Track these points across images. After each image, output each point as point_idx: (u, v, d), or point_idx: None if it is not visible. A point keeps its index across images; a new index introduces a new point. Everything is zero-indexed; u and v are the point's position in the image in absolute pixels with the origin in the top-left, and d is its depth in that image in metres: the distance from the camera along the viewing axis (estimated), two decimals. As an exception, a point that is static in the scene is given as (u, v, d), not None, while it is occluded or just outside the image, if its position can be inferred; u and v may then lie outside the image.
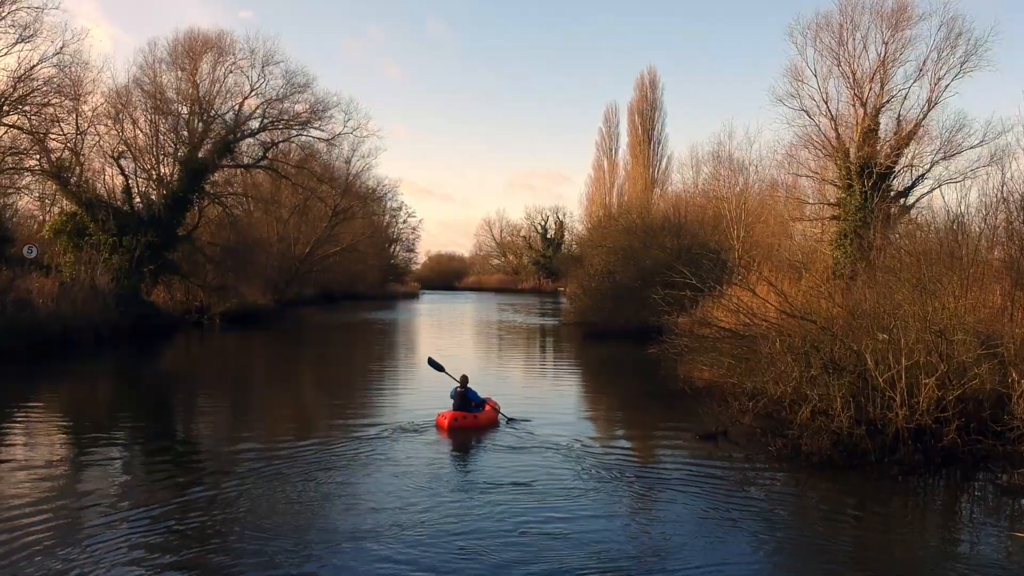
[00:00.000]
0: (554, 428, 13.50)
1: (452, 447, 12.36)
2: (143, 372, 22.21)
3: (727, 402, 12.10)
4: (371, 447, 11.71)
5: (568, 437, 12.67)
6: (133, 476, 10.40)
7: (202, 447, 12.72)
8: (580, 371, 24.48)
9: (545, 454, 11.49)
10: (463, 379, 14.30)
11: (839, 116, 34.44)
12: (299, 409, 16.91)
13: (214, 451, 12.18)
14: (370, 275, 70.17)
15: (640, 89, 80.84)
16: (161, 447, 12.18)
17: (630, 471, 10.54)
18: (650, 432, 13.72)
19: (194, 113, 34.35)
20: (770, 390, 11.35)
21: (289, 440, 12.24)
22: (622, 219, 39.07)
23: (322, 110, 36.54)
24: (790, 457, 10.58)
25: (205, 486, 9.53)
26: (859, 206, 32.87)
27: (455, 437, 12.78)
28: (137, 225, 31.43)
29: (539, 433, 13.05)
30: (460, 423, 13.24)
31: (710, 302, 27.85)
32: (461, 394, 14.06)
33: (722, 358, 14.86)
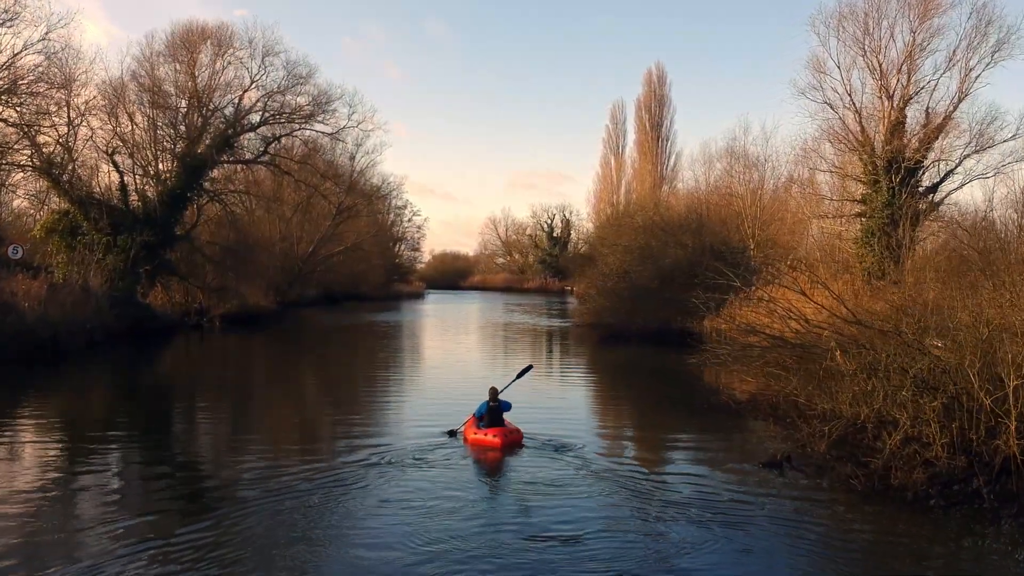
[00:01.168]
0: (587, 450, 12.08)
1: (479, 470, 11.05)
2: (137, 379, 20.74)
3: (792, 422, 10.59)
4: (385, 466, 10.59)
5: (604, 460, 11.35)
6: (127, 499, 9.25)
7: (200, 467, 11.37)
8: (602, 378, 22.91)
9: (585, 484, 10.08)
10: (492, 392, 12.95)
11: (864, 109, 33.07)
12: (304, 421, 15.47)
13: (212, 473, 10.95)
14: (374, 275, 68.68)
15: (648, 84, 79.93)
16: (156, 465, 11.09)
17: (683, 506, 9.03)
18: (698, 455, 12.16)
19: (192, 107, 32.85)
20: (844, 411, 9.84)
21: (295, 459, 11.11)
22: (638, 216, 37.53)
23: (325, 103, 35.03)
24: (876, 492, 9.06)
25: (203, 515, 8.49)
26: (886, 203, 31.44)
27: (507, 454, 11.66)
28: (132, 224, 29.94)
29: (570, 455, 11.69)
30: (512, 438, 12.18)
31: (739, 304, 26.46)
32: (494, 409, 12.73)
33: (770, 368, 13.39)
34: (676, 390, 18.95)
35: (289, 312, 47.02)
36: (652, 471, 10.74)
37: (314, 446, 12.60)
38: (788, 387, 11.74)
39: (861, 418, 9.57)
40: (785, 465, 10.20)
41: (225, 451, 12.44)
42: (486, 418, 12.73)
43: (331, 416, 15.87)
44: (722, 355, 14.55)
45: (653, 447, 12.68)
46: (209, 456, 12.33)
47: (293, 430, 14.35)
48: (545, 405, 16.13)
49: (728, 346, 15.09)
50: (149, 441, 12.94)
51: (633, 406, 17.20)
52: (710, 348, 15.13)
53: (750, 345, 14.35)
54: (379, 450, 11.45)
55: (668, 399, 17.56)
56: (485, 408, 12.84)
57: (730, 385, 15.38)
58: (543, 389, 19.11)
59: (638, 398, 18.41)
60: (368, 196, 59.30)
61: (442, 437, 12.65)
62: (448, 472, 10.40)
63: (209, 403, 17.41)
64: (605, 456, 11.73)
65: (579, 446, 12.19)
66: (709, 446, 12.79)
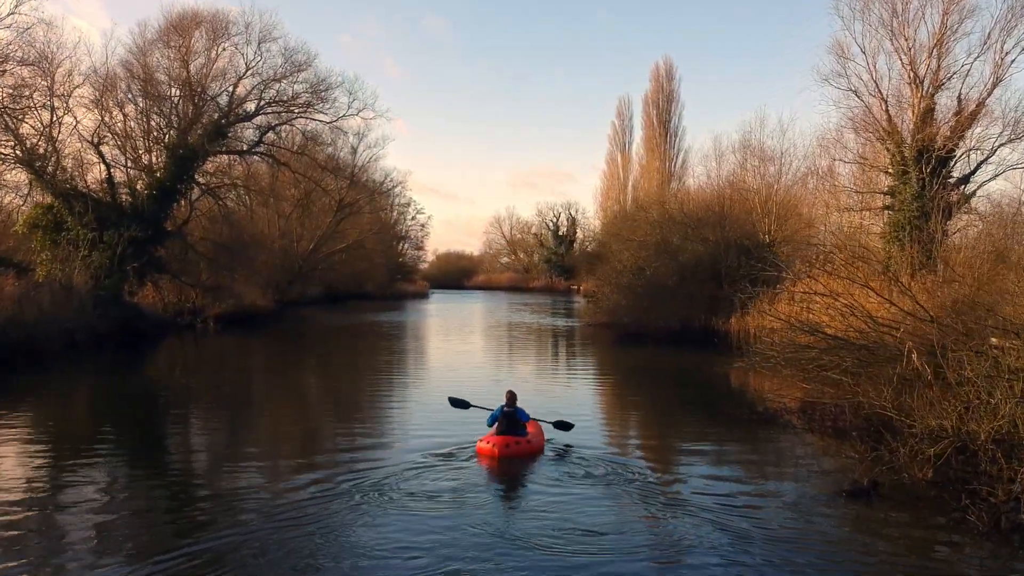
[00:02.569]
0: (611, 465, 10.46)
1: (490, 486, 9.69)
2: (118, 385, 18.92)
3: (863, 438, 8.76)
4: (393, 480, 9.47)
5: (632, 479, 9.78)
6: (111, 525, 8.01)
7: (191, 484, 9.90)
8: (621, 383, 20.93)
9: (618, 503, 8.57)
10: (510, 396, 11.51)
11: (891, 96, 31.39)
12: (301, 432, 13.73)
13: (206, 490, 9.59)
14: (377, 274, 66.98)
15: (656, 79, 78.68)
16: (142, 482, 9.81)
17: (744, 541, 7.28)
18: (750, 477, 10.26)
19: (185, 95, 31.09)
20: (949, 427, 8.01)
21: (292, 475, 9.98)
22: (654, 210, 35.70)
23: (324, 90, 33.12)
24: (1001, 532, 7.23)
25: (193, 536, 7.52)
26: (916, 194, 29.72)
27: (504, 467, 10.33)
28: (119, 219, 28.14)
29: (600, 470, 10.13)
30: (512, 449, 10.78)
31: (768, 301, 24.66)
32: (509, 415, 11.33)
33: (829, 373, 11.62)
34: (708, 397, 17.12)
35: (289, 312, 45.47)
36: (695, 495, 8.98)
37: (311, 459, 11.01)
38: (863, 396, 9.92)
39: (982, 438, 7.74)
40: (873, 494, 8.35)
41: (214, 465, 11.05)
42: (500, 424, 11.32)
43: (330, 426, 14.22)
44: (772, 358, 12.73)
45: (692, 464, 10.85)
46: (197, 471, 10.85)
47: (289, 442, 12.74)
48: (559, 412, 14.38)
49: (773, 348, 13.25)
50: (127, 454, 11.48)
51: (661, 414, 15.33)
52: (757, 350, 13.28)
53: (806, 347, 12.52)
54: (382, 463, 10.33)
55: (701, 407, 15.72)
56: (499, 413, 11.43)
57: (770, 391, 13.60)
58: (557, 394, 17.35)
59: (666, 405, 16.55)
60: (371, 192, 57.37)
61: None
62: (453, 486, 9.33)
63: (196, 411, 15.68)
64: (633, 474, 10.06)
65: (601, 461, 10.67)
66: (761, 466, 10.96)
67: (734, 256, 26.98)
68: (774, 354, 12.77)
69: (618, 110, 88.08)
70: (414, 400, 16.84)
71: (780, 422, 12.69)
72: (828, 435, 11.83)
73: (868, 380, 11.09)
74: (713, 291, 27.24)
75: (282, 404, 16.87)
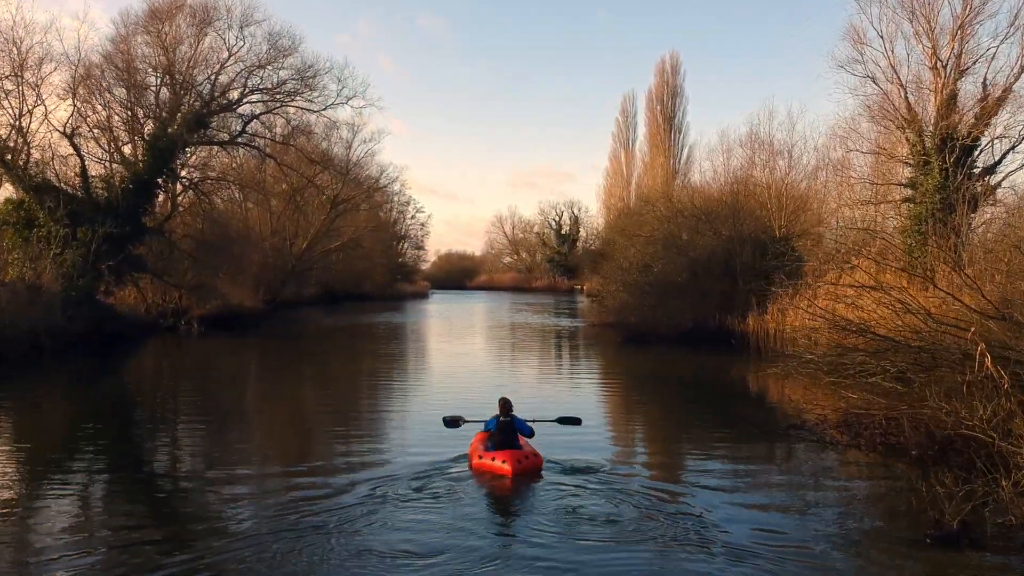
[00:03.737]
0: (632, 489, 8.81)
1: (487, 504, 8.46)
2: (85, 394, 17.12)
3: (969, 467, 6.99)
4: (382, 499, 8.35)
5: (656, 505, 8.16)
6: (83, 545, 7.06)
7: (163, 502, 8.72)
8: (631, 388, 19.03)
9: (635, 540, 6.87)
10: (504, 405, 10.02)
11: (910, 82, 29.72)
12: (288, 445, 12.11)
13: (178, 509, 8.51)
14: (376, 274, 65.25)
15: (661, 75, 77.63)
16: (113, 502, 8.74)
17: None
18: (800, 508, 8.34)
19: (164, 84, 29.37)
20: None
21: (277, 494, 8.76)
22: (661, 205, 33.90)
23: (311, 77, 31.27)
24: None
25: (173, 556, 6.70)
26: (939, 186, 27.96)
27: (517, 485, 8.99)
28: (94, 214, 26.38)
29: (609, 499, 8.43)
30: (526, 465, 9.43)
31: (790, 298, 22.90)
32: (505, 425, 9.91)
33: (881, 380, 9.86)
34: (729, 405, 15.34)
35: (282, 313, 43.76)
36: (729, 528, 7.27)
37: (298, 476, 9.60)
38: (941, 412, 8.13)
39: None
40: (963, 539, 6.55)
41: (188, 483, 9.76)
42: (496, 436, 9.74)
43: (319, 437, 12.62)
44: (812, 363, 10.92)
45: (719, 488, 9.01)
46: (169, 488, 9.55)
47: (274, 456, 11.17)
48: (576, 429, 12.66)
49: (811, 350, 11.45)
50: (90, 471, 10.05)
51: (677, 426, 13.51)
52: (794, 353, 11.47)
53: (852, 349, 10.70)
54: (374, 479, 9.17)
55: (721, 417, 13.93)
56: (494, 424, 9.87)
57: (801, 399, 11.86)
58: (560, 401, 15.59)
59: (681, 415, 14.74)
60: (367, 188, 55.49)
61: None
62: (452, 506, 8.21)
63: (167, 422, 13.97)
64: (649, 501, 8.36)
65: (611, 486, 9.02)
66: (801, 491, 9.08)
67: (749, 251, 25.18)
68: (814, 358, 10.96)
69: (622, 106, 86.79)
70: (408, 410, 15.07)
71: (816, 436, 10.92)
72: (878, 453, 10.06)
73: (927, 388, 9.34)
74: (727, 288, 25.43)
75: (262, 415, 15.14)
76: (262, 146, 31.97)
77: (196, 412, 15.12)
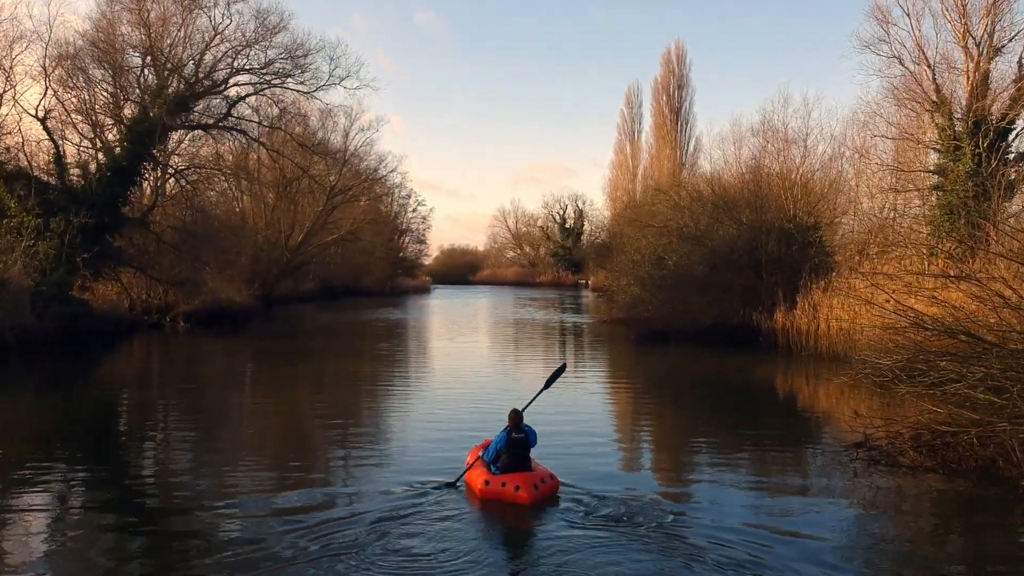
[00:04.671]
0: (655, 509, 7.43)
1: (493, 533, 7.13)
2: (53, 399, 15.30)
3: None
4: (375, 525, 7.18)
5: (691, 541, 6.62)
6: None
7: (137, 523, 7.67)
8: (654, 395, 16.93)
9: None
10: (515, 417, 8.43)
11: (939, 62, 28.06)
12: (272, 459, 10.42)
13: (151, 528, 7.53)
14: (377, 269, 63.40)
15: (667, 65, 76.09)
16: (78, 528, 7.57)
17: None
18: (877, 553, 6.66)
19: (147, 65, 27.52)
20: None
21: (268, 513, 7.67)
22: (676, 192, 31.99)
23: (301, 56, 29.32)
24: None
25: None
26: (971, 172, 26.22)
27: (536, 512, 7.51)
28: (68, 203, 24.54)
29: (633, 528, 6.96)
30: (544, 490, 7.88)
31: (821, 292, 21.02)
32: (519, 441, 8.30)
33: (974, 393, 8.04)
34: (770, 415, 13.49)
35: (277, 309, 42.14)
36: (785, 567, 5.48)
37: (283, 497, 8.27)
38: None
39: None
40: None
41: (170, 501, 8.50)
42: (504, 457, 8.23)
43: (311, 452, 11.06)
44: (885, 369, 9.07)
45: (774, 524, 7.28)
46: (140, 507, 8.33)
47: (258, 475, 9.49)
48: (577, 429, 10.87)
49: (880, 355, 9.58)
50: (54, 488, 8.85)
51: (710, 440, 11.60)
52: (864, 357, 9.60)
53: (943, 353, 8.83)
54: (365, 502, 7.95)
55: (763, 429, 12.07)
56: (504, 441, 8.32)
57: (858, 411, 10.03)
58: (573, 406, 13.80)
59: (715, 427, 12.86)
60: (365, 178, 53.49)
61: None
62: (454, 537, 6.90)
63: (145, 432, 12.31)
64: (686, 527, 6.99)
65: (637, 508, 7.73)
66: (877, 527, 7.29)
67: (776, 241, 23.31)
68: (890, 364, 9.10)
69: (627, 97, 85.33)
70: (407, 418, 13.26)
71: (886, 458, 9.08)
72: (969, 480, 8.24)
73: None
74: (750, 281, 23.55)
75: (248, 424, 13.28)
76: (249, 130, 30.06)
77: (175, 421, 13.43)
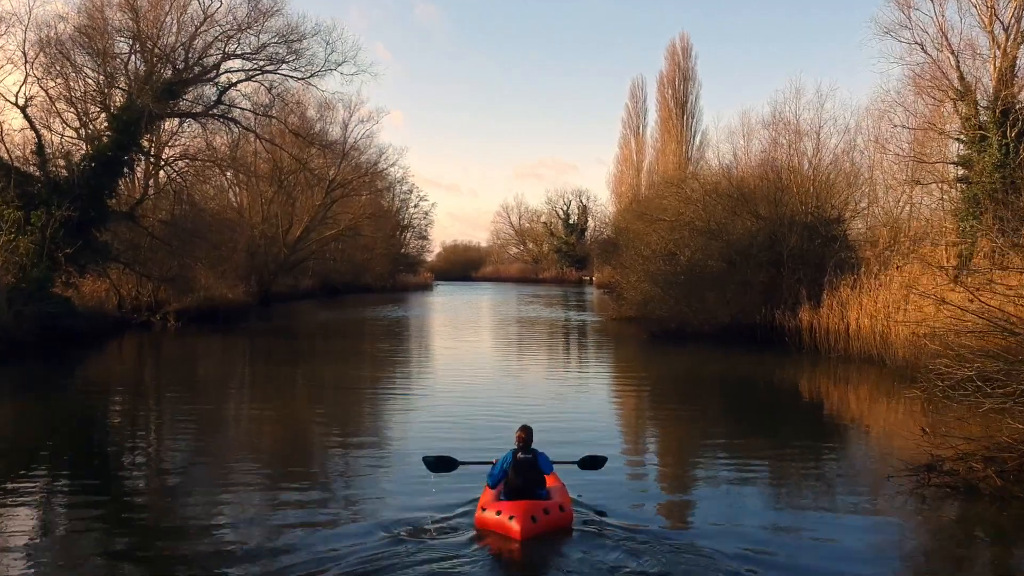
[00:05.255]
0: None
1: None
2: (27, 406, 14.05)
3: None
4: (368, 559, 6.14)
5: None
6: None
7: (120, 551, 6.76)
8: (676, 402, 15.41)
9: None
10: (523, 436, 7.22)
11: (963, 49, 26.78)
12: (263, 480, 9.10)
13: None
14: (378, 265, 62.04)
15: (672, 58, 74.82)
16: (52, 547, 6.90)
17: None
18: None
19: (133, 51, 26.17)
20: None
21: (253, 539, 6.87)
22: (685, 185, 30.63)
23: (295, 40, 27.88)
24: None
25: None
26: (998, 163, 24.89)
27: (525, 553, 6.33)
28: (50, 195, 23.22)
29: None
30: (541, 524, 6.66)
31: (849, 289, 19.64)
32: (526, 463, 7.07)
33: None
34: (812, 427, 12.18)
35: (274, 306, 40.87)
36: None
37: (278, 517, 7.51)
38: None
39: None
40: None
41: (156, 523, 7.65)
42: (512, 478, 7.05)
43: (300, 470, 9.75)
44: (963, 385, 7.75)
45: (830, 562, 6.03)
46: (130, 528, 7.51)
47: (245, 495, 8.39)
48: (589, 443, 9.56)
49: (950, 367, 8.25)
50: (30, 502, 8.12)
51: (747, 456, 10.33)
52: (940, 368, 8.27)
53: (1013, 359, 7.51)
54: (363, 528, 6.99)
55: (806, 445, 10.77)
56: (509, 461, 7.12)
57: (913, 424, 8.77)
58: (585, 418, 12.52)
59: (751, 439, 11.53)
60: (365, 171, 52.06)
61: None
62: None
63: (122, 445, 11.09)
64: None
65: (667, 544, 6.57)
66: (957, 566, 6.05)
67: (799, 235, 21.97)
68: (971, 376, 7.77)
69: (631, 91, 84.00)
70: (403, 431, 11.97)
71: (961, 482, 7.79)
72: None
73: None
74: (770, 278, 22.23)
75: (237, 435, 12.08)
76: (241, 119, 28.64)
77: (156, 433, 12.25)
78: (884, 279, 18.42)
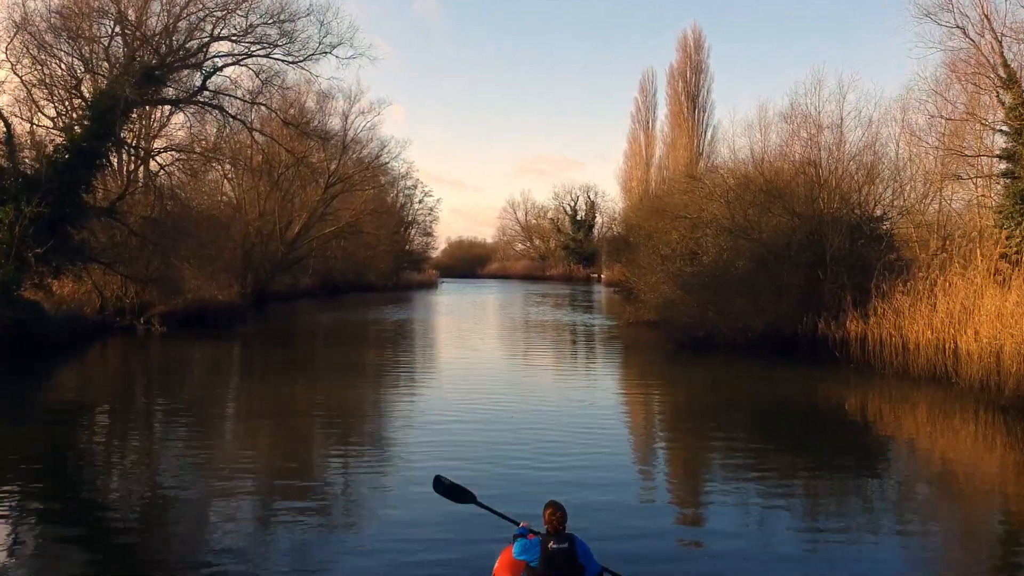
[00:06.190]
0: None
1: None
2: None
3: None
4: None
5: None
6: None
7: None
8: (718, 426, 13.31)
9: None
10: (555, 518, 5.20)
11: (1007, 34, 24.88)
12: (237, 526, 7.29)
13: None
14: (381, 262, 59.92)
15: (683, 50, 72.67)
16: None
17: None
18: None
19: (114, 34, 24.15)
20: None
21: None
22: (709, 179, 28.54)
23: (286, 21, 25.72)
24: None
25: None
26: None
27: None
28: (20, 190, 21.25)
29: None
30: None
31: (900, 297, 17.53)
32: (560, 555, 4.94)
33: None
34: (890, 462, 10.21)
35: (271, 306, 38.96)
36: None
37: None
38: None
39: None
40: None
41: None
42: (539, 568, 5.00)
43: (279, 506, 8.28)
44: None
45: None
46: None
47: (220, 539, 7.12)
48: (617, 481, 7.56)
49: None
50: None
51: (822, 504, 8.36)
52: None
53: None
54: None
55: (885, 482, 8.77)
56: (538, 553, 5.04)
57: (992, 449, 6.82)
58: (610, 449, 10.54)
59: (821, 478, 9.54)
60: (367, 164, 49.96)
61: None
62: None
63: (93, 467, 9.12)
64: None
65: None
66: None
67: (842, 234, 19.90)
68: None
69: (641, 85, 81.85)
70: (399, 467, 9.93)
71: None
72: None
73: None
74: (809, 281, 20.18)
75: (217, 463, 10.03)
76: (229, 107, 26.49)
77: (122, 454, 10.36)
78: (944, 285, 16.35)
